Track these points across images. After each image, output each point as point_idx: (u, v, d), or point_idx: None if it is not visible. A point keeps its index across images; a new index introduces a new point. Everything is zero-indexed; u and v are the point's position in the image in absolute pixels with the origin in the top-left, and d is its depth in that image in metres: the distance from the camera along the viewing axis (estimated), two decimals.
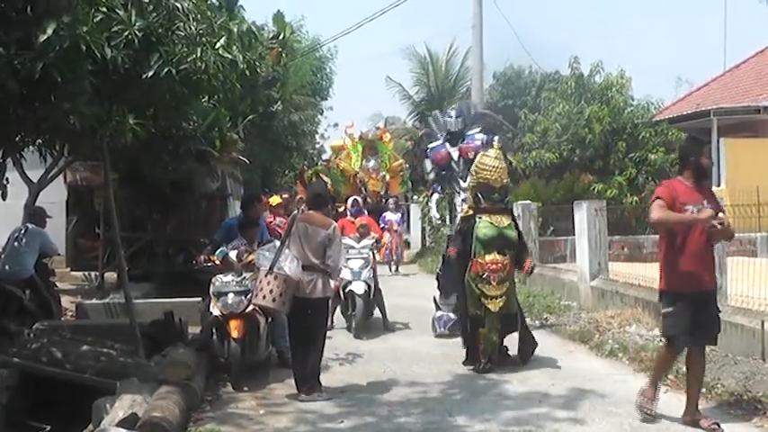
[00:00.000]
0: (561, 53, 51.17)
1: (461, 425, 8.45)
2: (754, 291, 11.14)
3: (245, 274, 10.60)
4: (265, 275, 9.62)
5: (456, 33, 47.89)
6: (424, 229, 32.84)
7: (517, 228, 11.59)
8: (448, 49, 43.68)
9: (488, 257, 10.91)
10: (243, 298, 10.36)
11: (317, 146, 42.82)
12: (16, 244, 12.87)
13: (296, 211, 11.46)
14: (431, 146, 14.63)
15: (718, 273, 11.42)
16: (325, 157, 39.34)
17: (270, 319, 10.95)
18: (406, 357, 11.94)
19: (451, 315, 13.41)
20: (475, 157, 12.30)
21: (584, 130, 26.76)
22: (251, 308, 10.34)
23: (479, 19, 26.24)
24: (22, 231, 13.04)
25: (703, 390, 9.24)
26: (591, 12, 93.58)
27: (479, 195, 11.20)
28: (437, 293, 14.22)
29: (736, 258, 12.72)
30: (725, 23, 73.01)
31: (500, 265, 10.92)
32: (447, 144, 14.28)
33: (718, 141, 26.98)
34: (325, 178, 29.35)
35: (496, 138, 12.94)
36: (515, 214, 12.83)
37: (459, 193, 14.05)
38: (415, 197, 34.52)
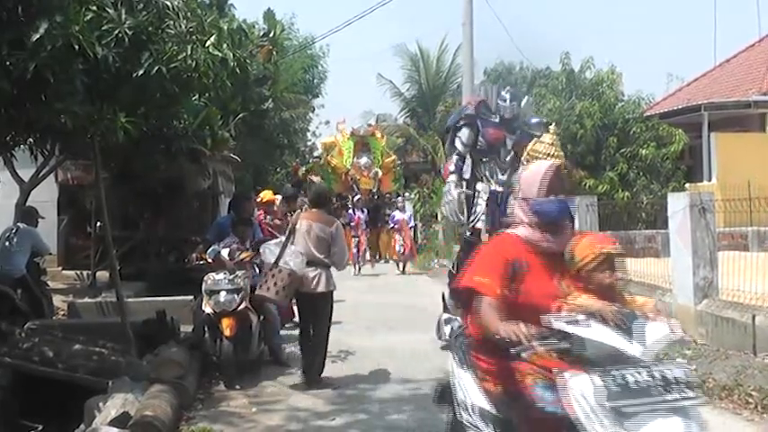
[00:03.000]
0: (552, 49, 51.28)
1: None
2: (746, 285, 11.16)
3: (237, 273, 10.59)
4: (270, 269, 9.91)
5: (447, 30, 47.86)
6: (416, 226, 32.85)
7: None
8: (439, 46, 43.81)
9: None
10: (235, 296, 10.35)
11: (309, 143, 42.81)
12: (8, 243, 12.84)
13: (299, 210, 11.25)
14: (487, 118, 12.32)
15: (710, 267, 11.53)
16: (316, 154, 39.37)
17: (262, 318, 11.00)
18: (398, 354, 11.94)
19: (461, 321, 12.41)
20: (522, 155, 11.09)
21: (576, 125, 26.80)
22: (243, 306, 10.38)
23: (470, 16, 26.23)
24: (14, 231, 13.02)
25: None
26: (580, 8, 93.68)
27: None
28: (446, 291, 12.17)
29: (728, 253, 12.74)
30: (714, 18, 73.26)
31: None
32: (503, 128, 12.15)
33: (708, 136, 27.02)
34: (315, 178, 29.40)
35: (553, 124, 10.74)
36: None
37: (490, 182, 12.05)
38: (407, 194, 34.56)
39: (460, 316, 11.65)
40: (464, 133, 12.22)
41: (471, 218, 12.17)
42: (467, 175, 12.34)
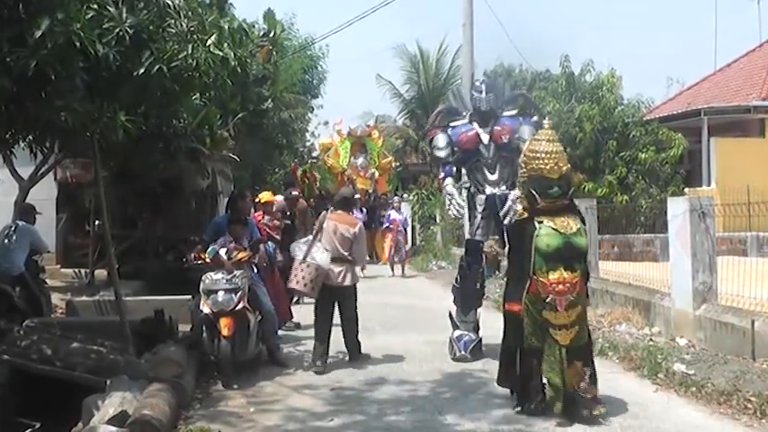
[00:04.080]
0: (551, 50, 51.36)
1: (451, 423, 8.46)
2: (745, 290, 11.18)
3: (235, 272, 10.58)
4: (299, 264, 11.05)
5: (447, 31, 47.81)
6: (414, 228, 32.82)
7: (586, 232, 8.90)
8: (438, 47, 43.76)
9: (553, 275, 8.26)
10: (233, 296, 10.35)
11: (308, 144, 42.68)
12: (6, 241, 12.83)
13: (325, 211, 12.01)
14: (453, 124, 12.01)
15: (709, 272, 11.54)
16: (315, 154, 39.30)
17: (260, 317, 11.00)
18: (395, 355, 11.92)
19: (472, 335, 11.68)
20: (509, 142, 11.29)
21: (575, 128, 26.86)
22: (241, 306, 10.38)
23: (470, 17, 26.24)
24: (12, 228, 13.00)
25: (693, 389, 9.29)
26: (581, 11, 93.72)
27: (533, 192, 8.55)
28: (453, 309, 12.09)
29: (727, 257, 12.78)
30: (715, 23, 73.36)
31: (568, 284, 8.25)
32: (475, 124, 11.75)
33: (708, 141, 27.07)
34: (317, 175, 29.37)
35: (546, 119, 9.68)
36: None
37: (483, 186, 11.61)
38: (405, 195, 34.52)
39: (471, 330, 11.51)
40: (438, 138, 11.99)
41: (471, 229, 11.89)
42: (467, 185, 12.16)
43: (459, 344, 11.59)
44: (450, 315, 12.08)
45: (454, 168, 12.12)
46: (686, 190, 24.50)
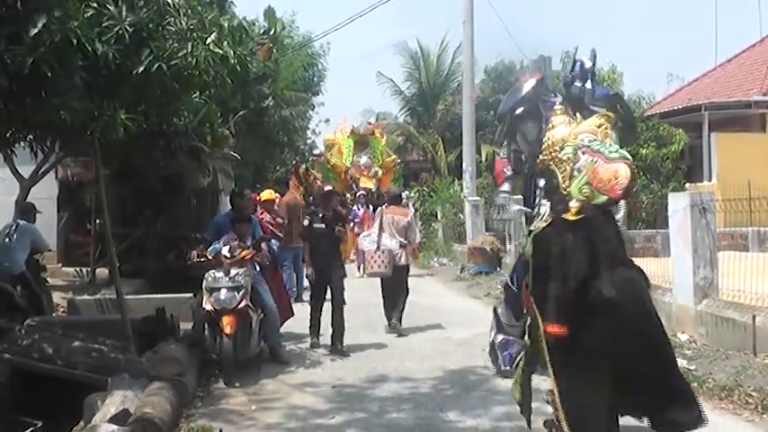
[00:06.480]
0: (552, 48, 51.24)
1: (453, 420, 8.47)
2: (746, 285, 11.15)
3: (237, 270, 10.58)
4: (375, 252, 13.51)
5: (448, 29, 47.77)
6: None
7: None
8: (439, 44, 43.70)
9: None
10: (236, 294, 10.36)
11: (309, 141, 42.72)
12: (7, 240, 12.83)
13: (382, 207, 14.64)
14: (546, 100, 9.83)
15: (710, 267, 11.52)
16: (316, 152, 39.28)
17: (262, 315, 10.99)
18: (397, 353, 11.94)
19: (518, 346, 9.81)
20: None
21: None
22: (243, 304, 10.38)
23: (470, 14, 26.21)
24: (13, 227, 13.00)
25: (694, 384, 9.28)
26: (581, 7, 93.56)
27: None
28: (501, 308, 10.59)
29: (728, 253, 12.73)
30: (715, 19, 73.32)
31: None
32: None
33: (709, 136, 27.04)
34: (317, 174, 29.34)
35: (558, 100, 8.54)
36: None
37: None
38: (406, 192, 34.46)
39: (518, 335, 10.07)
40: (529, 129, 9.78)
41: (534, 222, 9.35)
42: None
43: (504, 354, 10.16)
44: (496, 312, 10.57)
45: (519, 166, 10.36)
46: (687, 185, 24.43)
